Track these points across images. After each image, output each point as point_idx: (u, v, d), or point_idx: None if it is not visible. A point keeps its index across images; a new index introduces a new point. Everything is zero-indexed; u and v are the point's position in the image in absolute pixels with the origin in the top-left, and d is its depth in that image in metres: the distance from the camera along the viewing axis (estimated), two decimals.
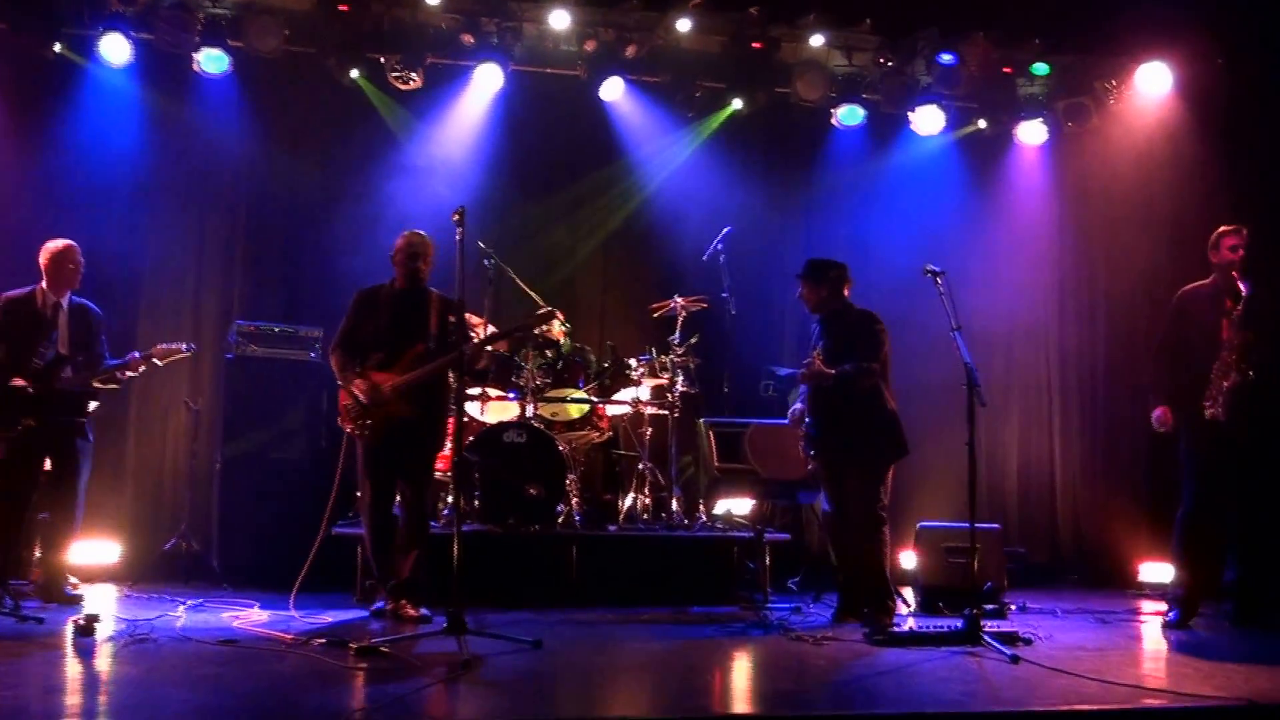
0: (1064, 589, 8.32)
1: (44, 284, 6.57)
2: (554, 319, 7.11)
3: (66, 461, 6.56)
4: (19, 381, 6.30)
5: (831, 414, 6.26)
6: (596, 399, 7.82)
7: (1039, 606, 7.04)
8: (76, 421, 6.55)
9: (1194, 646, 5.94)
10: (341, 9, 8.24)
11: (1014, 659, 5.16)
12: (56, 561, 6.56)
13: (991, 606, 6.46)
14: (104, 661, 5.00)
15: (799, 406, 6.53)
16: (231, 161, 8.47)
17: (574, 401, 7.76)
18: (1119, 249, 9.19)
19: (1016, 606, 6.89)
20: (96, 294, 6.88)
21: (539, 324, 6.82)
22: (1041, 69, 8.94)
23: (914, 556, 7.18)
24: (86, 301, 6.75)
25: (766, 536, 7.28)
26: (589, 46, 8.63)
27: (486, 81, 8.52)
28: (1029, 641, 5.65)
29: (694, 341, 7.82)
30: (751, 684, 5.15)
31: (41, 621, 5.70)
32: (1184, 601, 6.54)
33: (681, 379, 7.76)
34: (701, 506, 7.77)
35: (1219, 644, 6.06)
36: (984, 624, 5.58)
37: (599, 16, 8.59)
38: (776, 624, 6.22)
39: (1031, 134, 9.19)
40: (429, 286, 6.37)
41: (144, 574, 7.45)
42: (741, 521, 7.78)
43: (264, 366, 7.72)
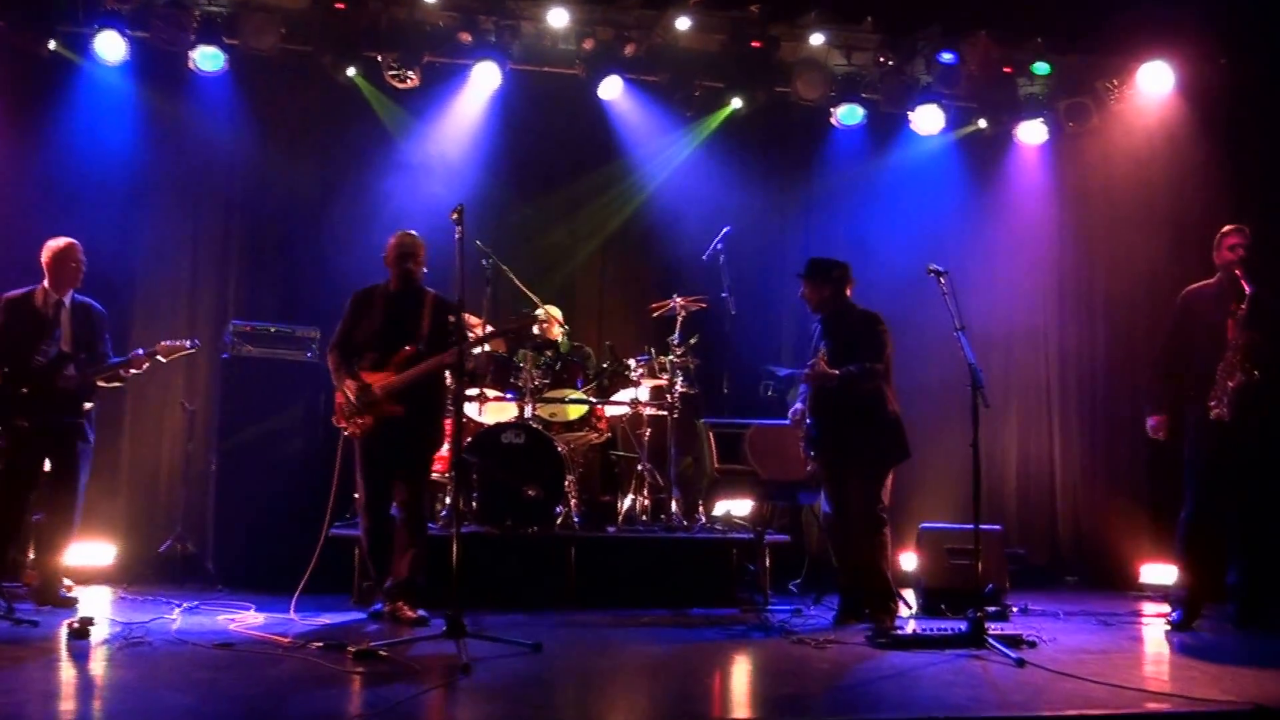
0: (1064, 590, 8.29)
1: (46, 283, 6.53)
2: (534, 321, 7.06)
3: (66, 463, 6.49)
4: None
5: (833, 415, 6.22)
6: (595, 400, 7.78)
7: (1040, 608, 6.99)
8: (77, 422, 6.49)
9: (1198, 649, 5.90)
10: (338, 7, 8.18)
11: (1019, 662, 5.11)
12: (52, 564, 6.50)
13: (993, 608, 6.40)
14: (99, 665, 4.95)
15: (799, 406, 6.48)
16: (227, 160, 8.41)
17: (572, 402, 7.71)
18: (1119, 249, 9.15)
19: (1018, 608, 6.84)
20: (91, 293, 6.80)
21: (517, 327, 6.78)
22: (1042, 68, 8.89)
23: (915, 558, 7.15)
24: (89, 300, 6.70)
25: (767, 538, 7.23)
26: (587, 45, 8.58)
27: (484, 80, 8.47)
28: (1033, 644, 5.60)
29: (693, 342, 7.77)
30: (754, 688, 5.11)
31: (36, 625, 5.66)
32: (1187, 603, 6.49)
33: (681, 379, 7.71)
34: (701, 508, 7.73)
35: (1223, 647, 6.02)
36: (987, 626, 5.54)
37: (597, 15, 8.55)
38: (778, 626, 6.18)
39: (1032, 134, 9.15)
40: (425, 287, 6.34)
41: (139, 576, 7.41)
42: (741, 523, 7.74)
43: (260, 367, 7.66)
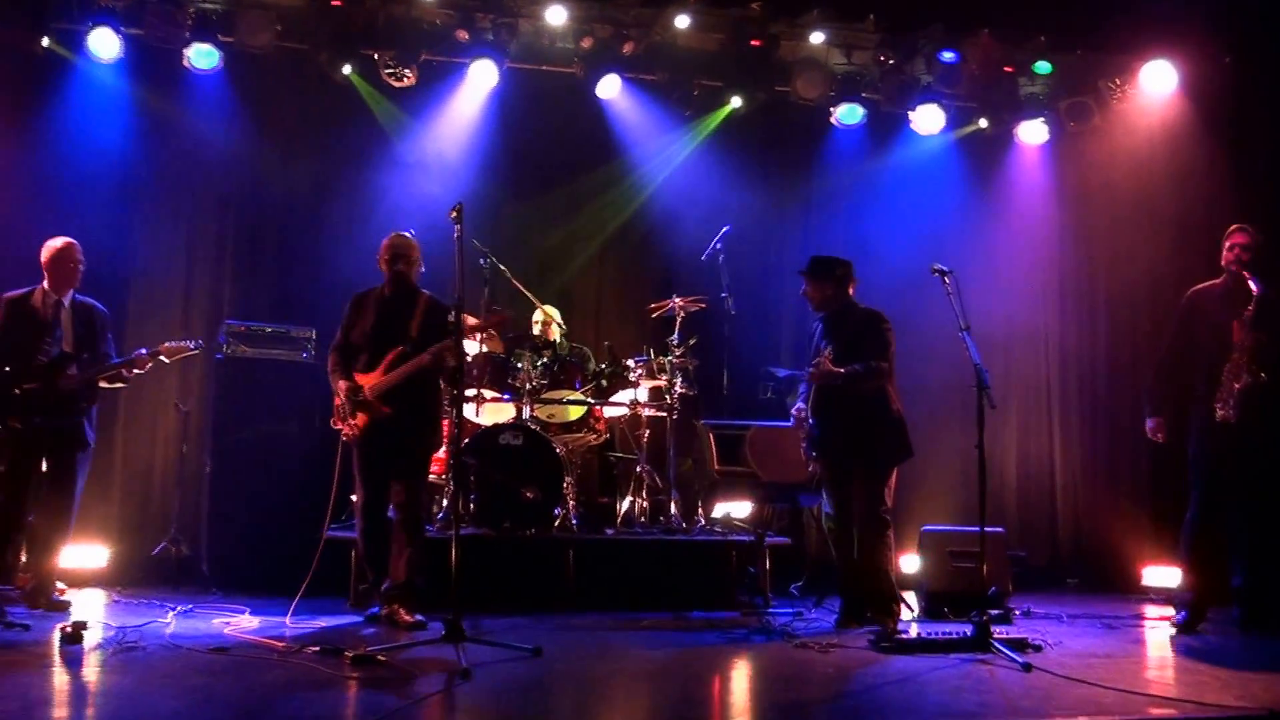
0: (1065, 592, 8.23)
1: (45, 283, 6.45)
2: (502, 318, 6.96)
3: (64, 464, 6.41)
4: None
5: (836, 415, 6.15)
6: (593, 400, 7.71)
7: (1043, 611, 6.92)
8: (77, 423, 6.40)
9: (1206, 653, 5.84)
10: (335, 4, 8.12)
11: (1026, 667, 5.05)
12: (46, 567, 6.41)
13: (996, 611, 6.34)
14: (92, 671, 4.87)
15: (801, 406, 6.41)
16: (222, 159, 8.33)
17: (571, 403, 7.65)
18: (1121, 250, 9.10)
19: (1020, 611, 6.79)
20: (84, 291, 6.71)
21: (485, 325, 6.71)
22: (1044, 68, 8.83)
23: (917, 560, 7.08)
24: (91, 300, 6.63)
25: (767, 540, 7.17)
26: (585, 43, 8.52)
27: (481, 78, 8.40)
28: (1039, 648, 5.55)
29: (693, 342, 7.70)
30: (758, 694, 5.03)
31: (28, 628, 5.59)
32: (1191, 606, 6.44)
33: (680, 380, 7.65)
34: (700, 509, 7.66)
35: (1230, 650, 5.96)
36: (992, 630, 5.47)
37: (596, 13, 8.48)
38: (779, 630, 6.11)
39: (1032, 134, 9.10)
40: (420, 288, 6.29)
41: (132, 578, 7.34)
42: (741, 525, 7.69)
43: (255, 367, 7.58)
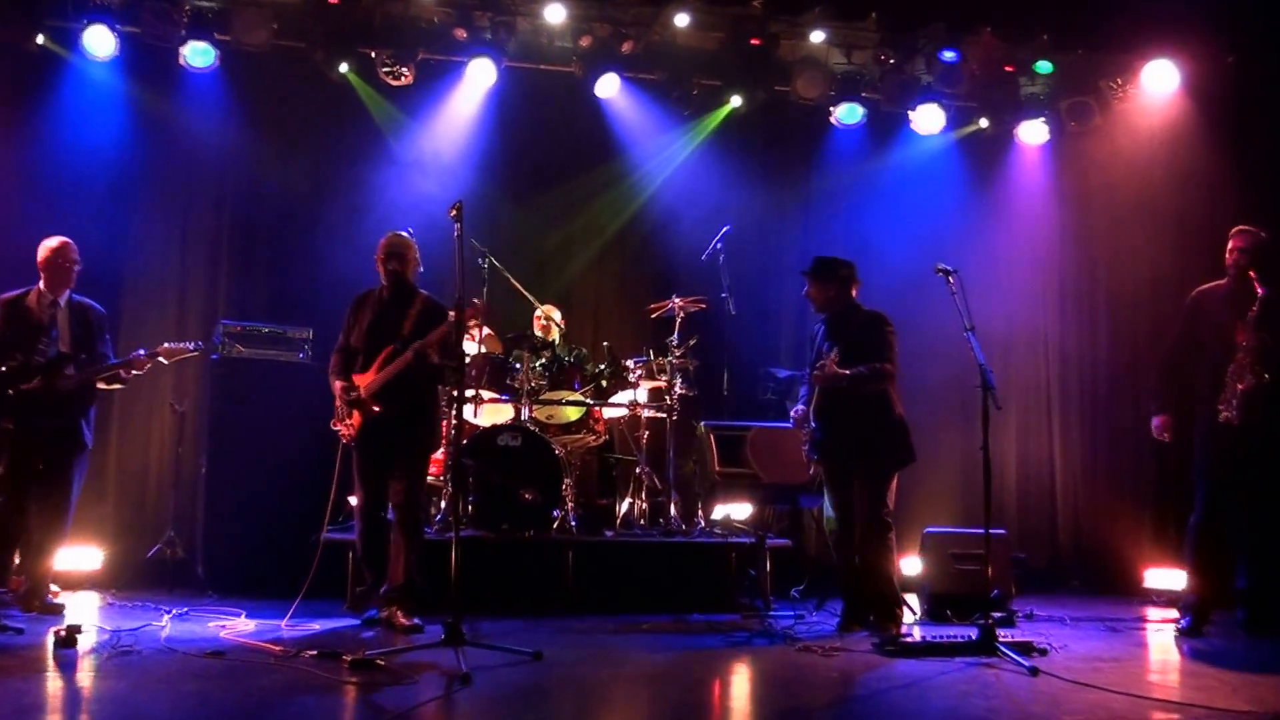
0: (1066, 595, 8.16)
1: (41, 284, 6.38)
2: (479, 309, 6.86)
3: (59, 466, 6.31)
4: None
5: (838, 417, 6.09)
6: (593, 401, 7.65)
7: (1046, 614, 6.87)
8: (74, 424, 6.32)
9: (1212, 656, 5.79)
10: (332, 2, 8.06)
11: (1033, 671, 4.99)
12: (41, 569, 6.33)
13: (1000, 614, 6.28)
14: (86, 675, 4.80)
15: (800, 408, 6.35)
16: (217, 157, 8.28)
17: (570, 404, 7.59)
18: (1122, 251, 9.05)
19: (1023, 614, 6.74)
20: (78, 291, 6.65)
21: (467, 320, 6.62)
22: (1045, 67, 8.78)
23: (919, 563, 7.03)
24: (88, 300, 6.55)
25: (768, 542, 7.11)
26: (584, 42, 8.46)
27: (479, 77, 8.35)
28: (1044, 651, 5.49)
29: (692, 343, 7.65)
30: (762, 699, 4.99)
31: (21, 632, 5.53)
32: (1196, 609, 6.39)
33: (679, 381, 7.59)
34: (700, 511, 7.60)
35: (1236, 653, 5.91)
36: (997, 633, 5.42)
37: (595, 11, 8.42)
38: (781, 633, 6.05)
39: (1033, 134, 9.06)
40: (418, 289, 6.23)
41: (127, 581, 7.26)
42: (741, 527, 7.63)
43: (251, 368, 7.50)
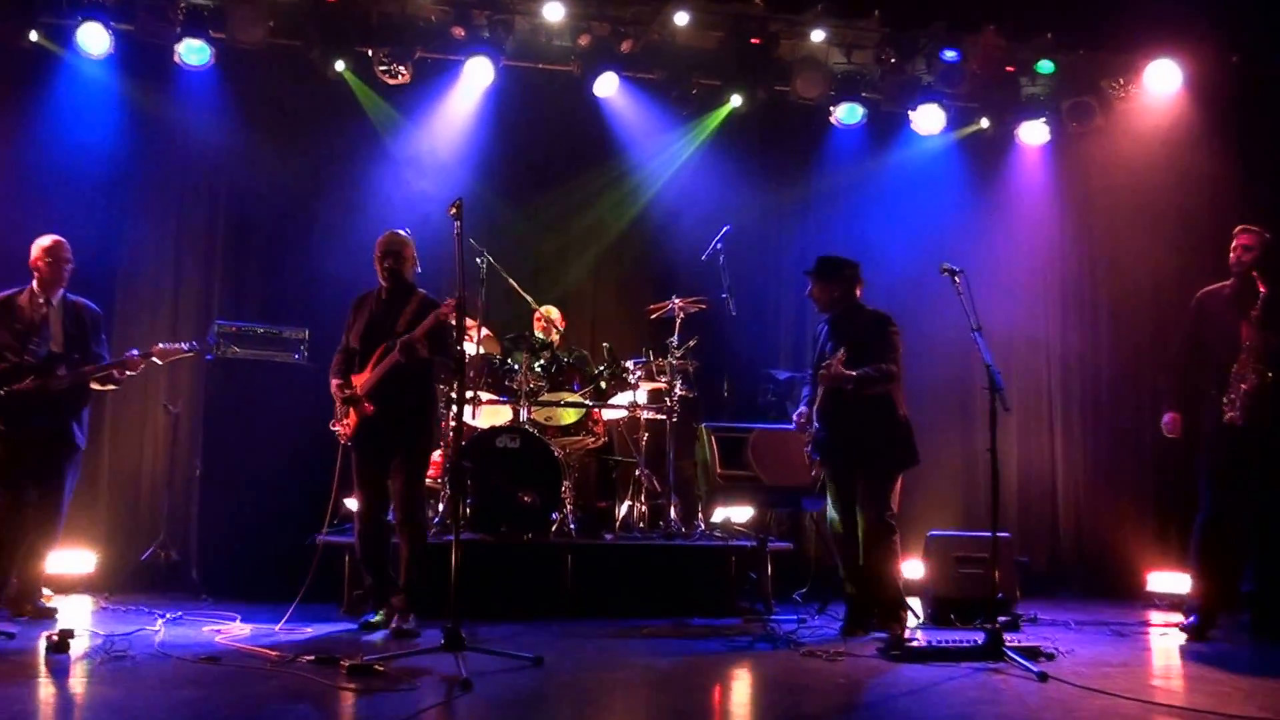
0: (1067, 598, 8.13)
1: (34, 283, 6.30)
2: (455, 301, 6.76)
3: (52, 467, 6.24)
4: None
5: (842, 419, 6.01)
6: (592, 403, 7.58)
7: (1049, 618, 6.82)
8: (66, 424, 6.25)
9: (1220, 660, 5.71)
10: (328, 0, 7.98)
11: (1042, 676, 4.92)
12: (32, 572, 6.25)
13: (1005, 618, 6.22)
14: (78, 681, 4.71)
15: (803, 410, 6.28)
16: (212, 156, 8.20)
17: (569, 405, 7.52)
18: (1123, 252, 9.00)
19: (1028, 618, 6.68)
20: (71, 290, 6.58)
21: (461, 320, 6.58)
22: (1046, 67, 8.73)
23: (922, 566, 6.96)
24: (83, 299, 6.47)
25: (769, 545, 7.04)
26: (583, 41, 8.40)
27: (477, 76, 8.28)
28: (1051, 656, 5.42)
29: (692, 344, 7.58)
30: (766, 705, 4.90)
31: (12, 637, 5.46)
32: (1202, 612, 6.34)
33: (679, 382, 7.52)
34: (700, 514, 7.54)
35: (1245, 658, 5.84)
36: (1004, 637, 5.35)
37: (594, 10, 8.36)
38: (784, 637, 5.97)
39: (1034, 134, 9.02)
40: (416, 288, 6.17)
41: (120, 584, 7.19)
42: (741, 529, 7.56)
43: (246, 369, 7.45)
